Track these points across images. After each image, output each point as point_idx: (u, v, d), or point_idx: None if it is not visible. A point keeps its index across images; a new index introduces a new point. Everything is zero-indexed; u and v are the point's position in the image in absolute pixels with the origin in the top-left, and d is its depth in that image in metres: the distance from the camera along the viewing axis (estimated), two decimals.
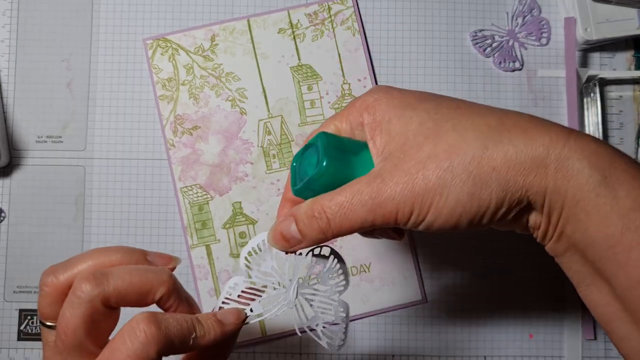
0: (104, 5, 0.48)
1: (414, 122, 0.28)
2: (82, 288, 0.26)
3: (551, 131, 0.26)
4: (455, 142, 0.27)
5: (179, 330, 0.26)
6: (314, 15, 0.48)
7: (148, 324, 0.25)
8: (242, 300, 0.29)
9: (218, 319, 0.28)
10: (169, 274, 0.28)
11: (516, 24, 0.48)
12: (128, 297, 0.27)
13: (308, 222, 0.29)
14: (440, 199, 0.26)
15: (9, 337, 0.46)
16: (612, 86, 0.48)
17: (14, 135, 0.47)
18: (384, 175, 0.27)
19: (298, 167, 0.31)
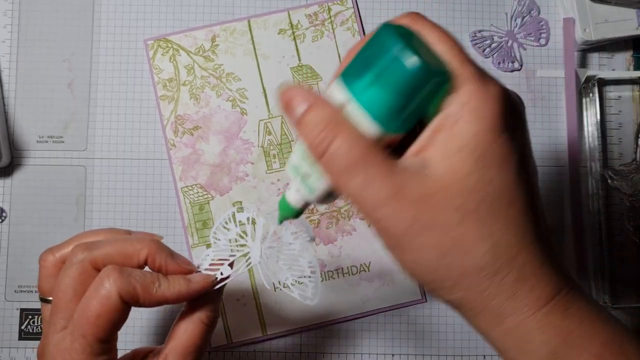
0: (105, 5, 0.48)
1: (470, 180, 0.24)
2: (74, 253, 0.31)
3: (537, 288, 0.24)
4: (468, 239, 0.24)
5: (142, 279, 0.29)
6: (314, 16, 0.48)
7: (112, 270, 0.29)
8: (213, 268, 0.32)
9: (186, 277, 0.31)
10: (150, 239, 0.32)
11: (515, 25, 0.49)
12: (114, 259, 0.30)
13: (310, 128, 0.25)
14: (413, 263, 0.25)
15: (10, 336, 0.46)
16: (611, 86, 0.48)
17: (15, 135, 0.48)
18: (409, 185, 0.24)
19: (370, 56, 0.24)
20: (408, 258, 0.25)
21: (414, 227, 0.24)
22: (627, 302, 0.46)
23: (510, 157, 0.24)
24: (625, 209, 0.47)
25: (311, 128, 0.25)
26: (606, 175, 0.47)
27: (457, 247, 0.24)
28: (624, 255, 0.47)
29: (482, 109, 0.24)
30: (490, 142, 0.24)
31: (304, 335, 0.46)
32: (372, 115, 0.24)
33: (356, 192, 0.24)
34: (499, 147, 0.24)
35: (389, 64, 0.23)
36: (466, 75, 0.24)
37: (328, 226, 0.47)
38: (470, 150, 0.24)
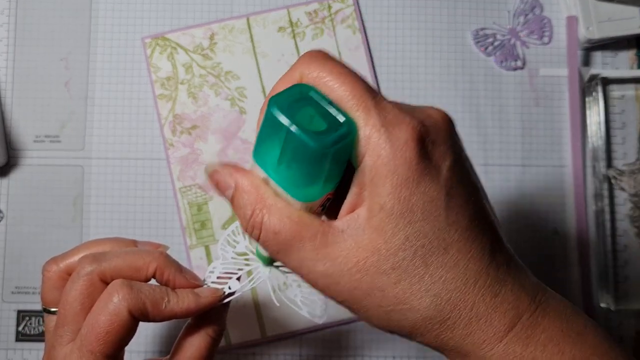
0: (103, 4, 0.48)
1: (398, 238, 0.23)
2: (82, 265, 0.30)
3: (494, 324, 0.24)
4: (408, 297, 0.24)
5: (151, 294, 0.29)
6: (314, 13, 0.47)
7: (122, 285, 0.28)
8: (220, 281, 0.31)
9: (195, 292, 0.30)
10: (160, 252, 0.31)
11: (518, 23, 0.48)
12: (123, 272, 0.30)
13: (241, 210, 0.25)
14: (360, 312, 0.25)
15: (7, 337, 0.46)
16: (614, 85, 0.48)
17: (11, 134, 0.47)
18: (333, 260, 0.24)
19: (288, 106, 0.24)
20: (361, 317, 0.25)
21: (355, 294, 0.24)
22: (631, 304, 0.46)
23: (435, 203, 0.23)
24: (629, 210, 0.47)
25: (241, 213, 0.25)
26: (610, 175, 0.47)
27: (400, 306, 0.24)
28: (628, 257, 0.46)
29: (395, 162, 0.23)
30: (409, 195, 0.23)
31: (304, 338, 0.46)
32: (289, 190, 0.24)
33: (297, 266, 0.25)
34: (420, 197, 0.23)
35: (285, 146, 0.23)
36: (371, 125, 0.23)
37: None
38: (390, 209, 0.23)
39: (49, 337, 0.31)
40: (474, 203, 0.25)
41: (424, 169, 0.23)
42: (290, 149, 0.23)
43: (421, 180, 0.23)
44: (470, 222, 0.24)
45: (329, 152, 0.22)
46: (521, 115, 0.48)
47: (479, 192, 0.25)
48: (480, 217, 0.25)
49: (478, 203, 0.25)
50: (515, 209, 0.47)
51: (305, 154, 0.23)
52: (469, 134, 0.47)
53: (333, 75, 0.24)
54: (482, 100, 0.48)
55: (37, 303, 0.46)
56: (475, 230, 0.24)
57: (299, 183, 0.24)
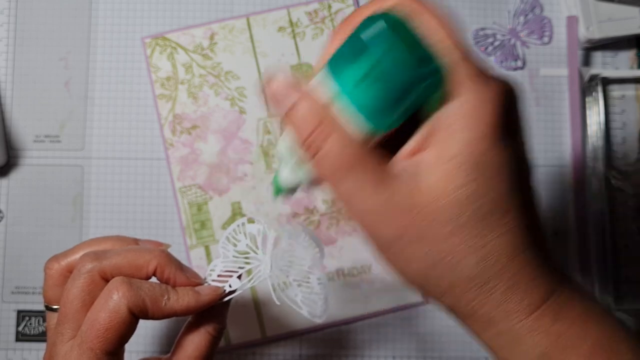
0: (102, 3, 0.48)
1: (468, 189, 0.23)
2: (82, 262, 0.30)
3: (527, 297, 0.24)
4: (457, 251, 0.24)
5: (151, 292, 0.29)
6: (314, 13, 0.47)
7: (121, 283, 0.29)
8: (221, 279, 0.32)
9: (195, 290, 0.30)
10: (161, 250, 0.31)
11: (518, 23, 0.48)
12: (123, 270, 0.30)
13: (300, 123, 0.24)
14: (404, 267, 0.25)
15: (7, 337, 0.46)
16: (614, 85, 0.48)
17: (11, 134, 0.47)
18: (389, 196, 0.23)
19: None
20: (397, 265, 0.25)
21: (403, 238, 0.24)
22: (632, 304, 0.46)
23: (505, 166, 0.23)
24: (629, 209, 0.47)
25: (301, 125, 0.24)
26: (610, 175, 0.47)
27: (446, 259, 0.24)
28: (628, 256, 0.47)
29: (478, 115, 0.23)
30: (484, 151, 0.23)
31: (304, 338, 0.46)
32: (363, 113, 0.23)
33: (346, 196, 0.24)
34: (493, 157, 0.23)
35: (379, 60, 0.22)
36: (463, 74, 0.23)
37: (329, 227, 0.46)
38: (463, 159, 0.23)
39: (50, 334, 0.32)
40: (531, 177, 0.25)
41: (502, 131, 0.23)
42: (384, 67, 0.21)
43: (498, 141, 0.23)
44: (529, 193, 0.24)
45: (423, 80, 0.21)
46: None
47: (532, 175, 0.26)
48: (533, 192, 0.25)
49: (532, 178, 0.25)
50: None
51: (398, 76, 0.21)
52: None
53: (432, 16, 0.23)
54: None
55: (37, 303, 0.46)
56: (531, 202, 0.25)
57: (376, 108, 0.22)
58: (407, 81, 0.22)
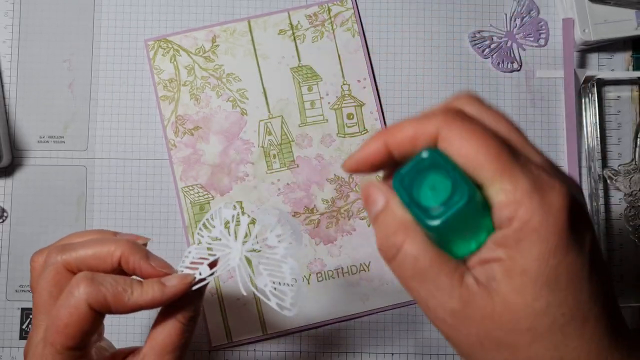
0: (106, 6, 0.49)
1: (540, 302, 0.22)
2: (50, 255, 0.31)
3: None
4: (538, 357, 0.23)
5: (113, 287, 0.29)
6: (314, 16, 0.48)
7: (83, 279, 0.29)
8: (193, 267, 0.31)
9: (161, 281, 0.30)
10: (125, 240, 0.31)
11: (514, 25, 0.49)
12: (87, 261, 0.30)
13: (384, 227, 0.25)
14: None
15: (10, 336, 0.46)
16: (610, 87, 0.48)
17: (16, 135, 0.48)
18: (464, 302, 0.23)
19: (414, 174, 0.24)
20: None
21: (483, 344, 0.23)
22: (627, 302, 0.46)
23: (579, 274, 0.23)
24: (624, 209, 0.47)
25: (383, 229, 0.24)
26: (605, 175, 0.47)
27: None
28: (623, 256, 0.47)
29: (545, 228, 0.22)
30: (557, 264, 0.22)
31: (304, 334, 0.46)
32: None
33: (424, 301, 0.24)
34: (567, 267, 0.22)
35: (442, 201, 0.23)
36: (521, 190, 0.22)
37: (328, 226, 0.47)
38: (536, 274, 0.22)
39: None
40: (609, 280, 0.24)
41: (573, 239, 0.22)
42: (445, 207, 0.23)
43: (569, 250, 0.22)
44: (606, 298, 0.24)
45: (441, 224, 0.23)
46: (518, 116, 0.48)
47: (609, 269, 0.25)
48: (613, 296, 0.24)
49: (610, 280, 0.25)
50: None
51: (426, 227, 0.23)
52: None
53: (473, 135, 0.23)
54: None
55: None
56: (610, 307, 0.24)
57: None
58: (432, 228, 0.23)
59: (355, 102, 0.47)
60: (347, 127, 0.47)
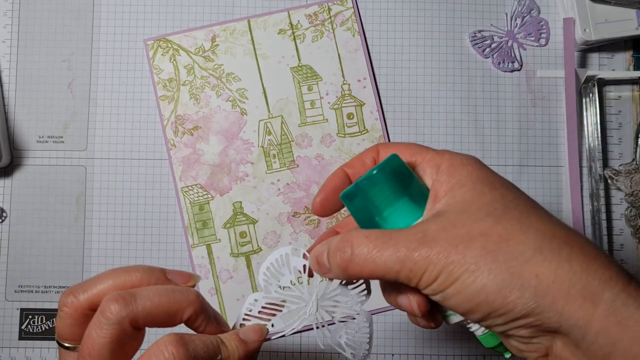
0: (105, 5, 0.48)
1: (485, 198, 0.26)
2: (110, 309, 0.26)
3: (611, 268, 0.23)
4: (512, 232, 0.24)
5: (206, 352, 0.26)
6: (314, 16, 0.48)
7: (176, 345, 0.25)
8: (263, 317, 0.29)
9: (241, 338, 0.28)
10: (196, 294, 0.28)
11: (515, 25, 0.49)
12: (157, 318, 0.27)
13: (332, 254, 0.27)
14: (469, 277, 0.24)
15: (10, 336, 0.46)
16: (611, 86, 0.48)
17: (15, 135, 0.48)
18: (427, 232, 0.25)
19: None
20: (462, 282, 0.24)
21: (455, 250, 0.24)
22: None
23: (510, 184, 0.27)
24: (625, 209, 0.47)
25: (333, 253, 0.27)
26: (606, 175, 0.47)
27: (505, 242, 0.24)
28: (624, 256, 0.47)
29: (469, 161, 0.27)
30: (488, 175, 0.27)
31: (304, 335, 0.46)
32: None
33: (394, 265, 0.25)
34: (498, 177, 0.27)
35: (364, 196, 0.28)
36: (443, 152, 0.28)
37: (328, 226, 0.47)
38: (473, 181, 0.26)
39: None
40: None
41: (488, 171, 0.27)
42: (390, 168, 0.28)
43: (494, 173, 0.27)
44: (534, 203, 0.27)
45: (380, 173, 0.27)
46: (519, 116, 0.48)
47: None
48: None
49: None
50: None
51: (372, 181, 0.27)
52: (466, 135, 0.48)
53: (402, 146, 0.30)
54: (480, 101, 0.48)
55: (40, 302, 0.47)
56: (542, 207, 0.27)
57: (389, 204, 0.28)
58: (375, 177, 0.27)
59: (355, 102, 0.47)
60: (347, 127, 0.47)
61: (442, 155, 0.28)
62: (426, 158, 0.28)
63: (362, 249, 0.26)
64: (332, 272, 0.28)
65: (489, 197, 0.25)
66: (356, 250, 0.26)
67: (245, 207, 0.47)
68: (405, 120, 0.48)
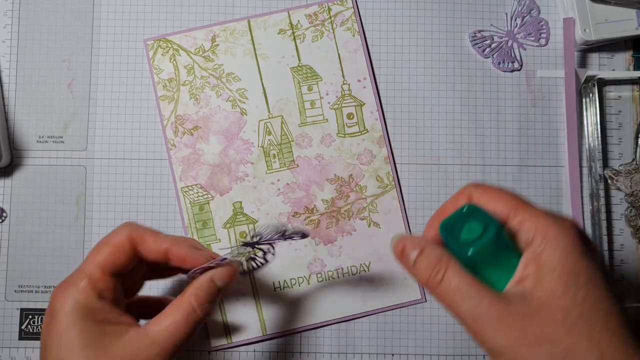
0: (105, 5, 0.48)
1: (567, 298, 0.27)
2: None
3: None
4: (578, 348, 0.26)
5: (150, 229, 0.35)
6: (314, 16, 0.48)
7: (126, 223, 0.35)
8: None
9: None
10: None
11: (515, 25, 0.49)
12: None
13: (425, 265, 0.30)
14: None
15: (10, 336, 0.46)
16: (611, 86, 0.48)
17: (15, 135, 0.48)
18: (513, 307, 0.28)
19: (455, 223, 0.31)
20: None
21: (524, 342, 0.27)
22: (628, 303, 0.46)
23: (595, 276, 0.27)
24: (625, 209, 0.47)
25: (424, 267, 0.30)
26: (606, 175, 0.47)
27: (569, 357, 0.26)
28: (624, 256, 0.47)
29: (561, 238, 0.28)
30: (575, 262, 0.27)
31: (304, 335, 0.46)
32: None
33: (467, 314, 0.28)
34: (585, 267, 0.27)
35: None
36: (539, 215, 0.29)
37: (328, 226, 0.47)
38: (560, 272, 0.27)
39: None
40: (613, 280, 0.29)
41: (585, 249, 0.28)
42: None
43: (583, 256, 0.28)
44: (616, 293, 0.28)
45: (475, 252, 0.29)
46: (519, 116, 0.48)
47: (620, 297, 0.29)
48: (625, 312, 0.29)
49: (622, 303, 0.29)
50: None
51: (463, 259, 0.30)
52: (466, 135, 0.48)
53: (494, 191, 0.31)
54: (480, 101, 0.48)
55: (40, 302, 0.47)
56: (619, 297, 0.28)
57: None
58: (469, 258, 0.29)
59: (355, 102, 0.47)
60: (347, 127, 0.47)
61: (537, 221, 0.29)
62: (523, 216, 0.29)
63: (452, 282, 0.29)
64: (411, 272, 0.31)
65: (570, 299, 0.27)
66: (446, 280, 0.29)
67: (245, 207, 0.47)
68: (405, 120, 0.48)
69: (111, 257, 0.34)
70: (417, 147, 0.48)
